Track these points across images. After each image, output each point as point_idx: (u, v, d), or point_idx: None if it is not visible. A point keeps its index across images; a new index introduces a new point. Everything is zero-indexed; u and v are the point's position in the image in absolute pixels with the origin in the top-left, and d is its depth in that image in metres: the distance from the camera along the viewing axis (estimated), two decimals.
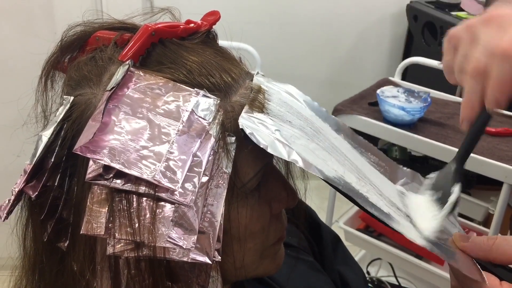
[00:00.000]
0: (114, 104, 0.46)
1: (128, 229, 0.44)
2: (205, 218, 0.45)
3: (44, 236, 0.51)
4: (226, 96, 0.50)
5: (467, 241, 0.51)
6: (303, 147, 0.48)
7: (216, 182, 0.46)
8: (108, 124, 0.45)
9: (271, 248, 0.57)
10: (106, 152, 0.44)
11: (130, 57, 0.48)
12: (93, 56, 0.51)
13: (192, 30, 0.53)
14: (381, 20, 2.60)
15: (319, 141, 0.53)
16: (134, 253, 0.45)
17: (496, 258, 0.49)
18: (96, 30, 0.54)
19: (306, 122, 0.54)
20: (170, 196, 0.44)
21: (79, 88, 0.50)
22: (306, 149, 0.49)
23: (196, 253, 0.44)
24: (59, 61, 0.55)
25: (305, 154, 0.47)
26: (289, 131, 0.49)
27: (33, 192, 0.49)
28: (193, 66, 0.50)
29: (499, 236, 0.50)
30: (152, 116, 0.46)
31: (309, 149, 0.49)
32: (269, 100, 0.52)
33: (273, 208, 0.55)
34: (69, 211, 0.50)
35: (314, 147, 0.50)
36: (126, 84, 0.47)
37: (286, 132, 0.49)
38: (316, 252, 0.81)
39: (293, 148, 0.47)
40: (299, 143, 0.49)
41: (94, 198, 0.45)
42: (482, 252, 0.50)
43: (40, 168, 0.49)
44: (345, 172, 0.51)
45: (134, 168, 0.44)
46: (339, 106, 1.62)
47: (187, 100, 0.47)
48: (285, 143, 0.47)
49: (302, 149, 0.48)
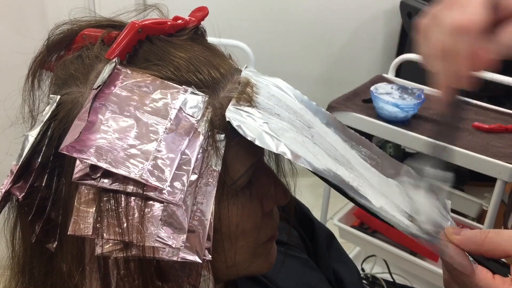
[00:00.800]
0: (101, 102, 0.46)
1: (117, 229, 0.44)
2: (194, 217, 0.45)
3: (32, 237, 0.50)
4: (214, 92, 0.49)
5: (459, 235, 0.51)
6: (291, 139, 0.48)
7: (206, 180, 0.46)
8: (94, 123, 0.45)
9: (263, 246, 0.57)
10: (93, 151, 0.43)
11: (117, 55, 0.48)
12: (80, 54, 0.51)
13: (179, 26, 0.52)
14: (375, 17, 2.60)
15: (309, 134, 0.52)
16: (123, 253, 0.44)
17: (488, 252, 0.49)
18: (83, 28, 0.53)
19: (295, 115, 0.54)
20: (158, 195, 0.44)
21: (66, 87, 0.50)
22: (294, 141, 0.48)
23: (186, 252, 0.44)
24: (46, 60, 0.54)
25: (294, 146, 0.47)
26: (277, 124, 0.49)
27: (20, 192, 0.48)
28: (181, 63, 0.49)
29: (491, 230, 0.50)
30: (139, 114, 0.46)
31: (298, 141, 0.49)
32: (257, 94, 0.51)
33: (264, 206, 0.55)
34: (57, 211, 0.49)
35: (303, 140, 0.50)
36: (113, 82, 0.47)
37: (275, 125, 0.48)
38: (310, 249, 0.81)
39: (281, 140, 0.46)
40: (287, 136, 0.48)
41: (81, 198, 0.44)
42: (474, 245, 0.50)
43: (27, 168, 0.48)
44: (336, 164, 0.51)
45: (122, 167, 0.43)
46: (333, 103, 1.62)
47: (175, 97, 0.47)
48: (273, 135, 0.46)
49: (291, 141, 0.47)
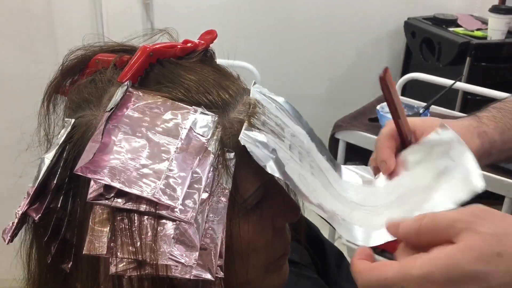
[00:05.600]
0: (113, 124, 0.47)
1: (130, 248, 0.45)
2: (206, 235, 0.46)
3: (48, 258, 0.51)
4: (224, 112, 0.50)
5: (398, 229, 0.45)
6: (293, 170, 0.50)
7: (217, 198, 0.47)
8: (108, 144, 0.46)
9: (275, 263, 0.57)
10: (107, 171, 0.44)
11: (129, 78, 0.49)
12: (93, 78, 0.52)
13: (189, 49, 0.54)
14: (380, 37, 2.62)
15: (308, 164, 0.55)
16: (136, 271, 0.45)
17: (429, 242, 0.42)
18: (96, 53, 0.55)
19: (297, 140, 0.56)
20: (170, 214, 0.44)
21: (80, 111, 0.51)
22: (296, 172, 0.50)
23: (199, 270, 0.45)
24: (60, 85, 0.55)
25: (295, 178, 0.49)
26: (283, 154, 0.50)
27: (36, 214, 0.49)
28: (191, 85, 0.50)
29: (427, 215, 0.43)
30: (151, 134, 0.47)
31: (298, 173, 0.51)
32: (266, 116, 0.53)
33: (276, 223, 0.55)
34: (72, 232, 0.50)
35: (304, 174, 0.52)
36: (125, 104, 0.48)
37: (282, 153, 0.50)
38: (320, 269, 0.81)
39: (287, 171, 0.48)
40: (291, 166, 0.50)
41: (96, 218, 0.45)
42: (412, 237, 0.44)
43: (43, 190, 0.49)
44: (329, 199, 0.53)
45: (135, 186, 0.44)
46: (339, 122, 1.63)
47: (186, 118, 0.48)
48: (280, 163, 0.48)
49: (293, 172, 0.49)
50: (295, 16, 2.45)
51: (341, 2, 2.48)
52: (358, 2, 2.50)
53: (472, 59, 2.15)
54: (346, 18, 2.51)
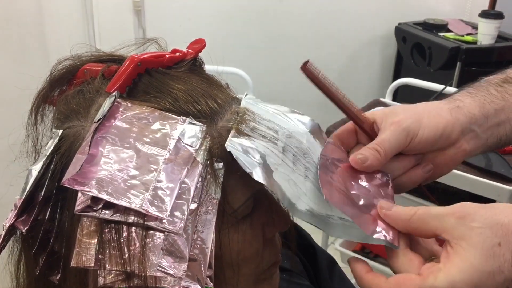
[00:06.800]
0: (101, 135, 0.47)
1: (119, 260, 0.44)
2: (195, 245, 0.46)
3: (36, 270, 0.50)
4: (212, 122, 0.50)
5: (390, 210, 0.50)
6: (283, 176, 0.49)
7: (206, 208, 0.47)
8: (95, 155, 0.45)
9: (266, 272, 0.57)
10: (94, 183, 0.44)
11: (117, 89, 0.49)
12: (81, 89, 0.52)
13: (177, 58, 0.53)
14: (371, 42, 2.63)
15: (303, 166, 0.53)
16: (125, 283, 0.44)
17: (416, 230, 0.48)
18: (84, 63, 0.55)
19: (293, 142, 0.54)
20: (159, 225, 0.44)
21: (68, 121, 0.51)
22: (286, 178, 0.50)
23: (188, 281, 0.44)
24: (48, 95, 0.55)
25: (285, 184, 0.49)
26: (274, 159, 0.50)
27: (23, 226, 0.49)
28: (179, 94, 0.50)
29: (422, 207, 0.48)
30: (139, 145, 0.47)
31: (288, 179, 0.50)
32: (256, 122, 0.52)
33: (266, 233, 0.55)
34: (61, 244, 0.50)
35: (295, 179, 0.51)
36: (113, 115, 0.48)
37: (272, 159, 0.49)
38: (312, 275, 0.81)
39: (275, 178, 0.48)
40: (281, 171, 0.49)
41: (83, 230, 0.45)
42: (402, 222, 0.49)
43: (30, 202, 0.49)
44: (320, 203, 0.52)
45: (123, 198, 0.44)
46: (331, 128, 1.63)
47: (174, 128, 0.48)
48: (268, 170, 0.47)
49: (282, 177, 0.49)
50: (287, 22, 2.46)
51: (332, 8, 2.48)
52: (349, 7, 2.50)
53: (463, 64, 2.15)
54: (337, 23, 2.51)
